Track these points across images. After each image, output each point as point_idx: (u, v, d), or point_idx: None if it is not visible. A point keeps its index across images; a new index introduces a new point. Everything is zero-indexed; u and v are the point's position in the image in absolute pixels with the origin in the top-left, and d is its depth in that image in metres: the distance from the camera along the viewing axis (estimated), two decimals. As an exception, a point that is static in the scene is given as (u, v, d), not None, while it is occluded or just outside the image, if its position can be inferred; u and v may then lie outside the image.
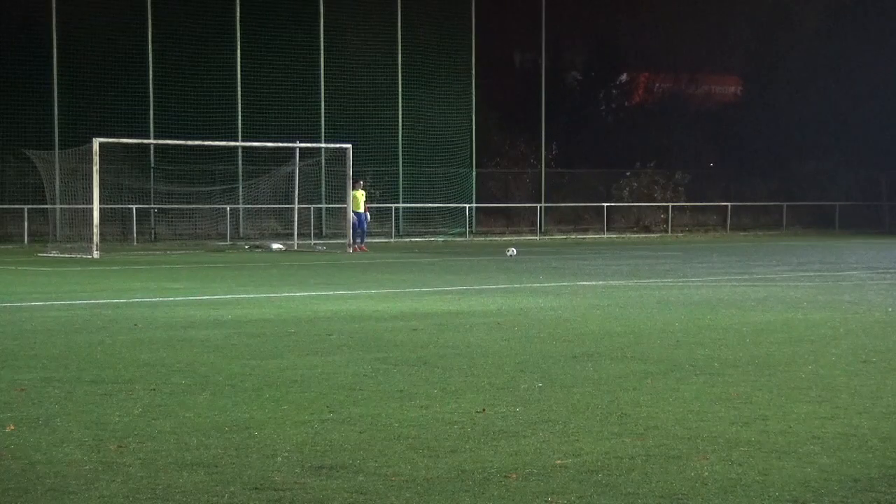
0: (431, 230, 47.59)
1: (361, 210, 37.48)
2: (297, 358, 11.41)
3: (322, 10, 46.55)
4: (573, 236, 50.91)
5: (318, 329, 13.89)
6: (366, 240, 38.18)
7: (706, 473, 6.65)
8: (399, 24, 48.23)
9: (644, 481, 6.47)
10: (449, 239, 46.67)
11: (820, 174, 60.32)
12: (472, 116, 50.14)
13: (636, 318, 15.31)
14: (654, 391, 9.46)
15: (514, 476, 6.57)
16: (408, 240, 45.55)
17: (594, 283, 22.45)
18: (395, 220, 47.40)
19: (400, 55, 48.21)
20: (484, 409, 8.57)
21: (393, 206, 47.06)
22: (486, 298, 18.63)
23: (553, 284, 21.76)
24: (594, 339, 13.14)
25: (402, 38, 48.24)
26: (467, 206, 49.24)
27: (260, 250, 38.00)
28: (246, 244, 40.91)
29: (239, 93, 44.89)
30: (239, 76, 44.89)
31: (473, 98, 50.13)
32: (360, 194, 37.67)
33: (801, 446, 7.38)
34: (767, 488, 6.34)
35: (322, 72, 46.61)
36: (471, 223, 49.63)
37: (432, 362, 11.09)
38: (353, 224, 37.23)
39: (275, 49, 45.52)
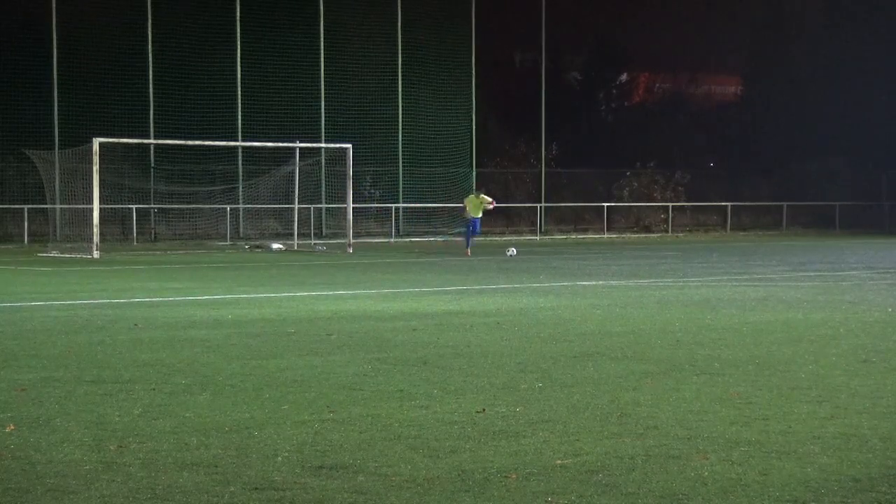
0: (431, 230, 47.55)
1: (479, 216, 35.48)
2: (297, 358, 11.41)
3: (322, 10, 46.53)
4: (573, 236, 50.90)
5: (318, 329, 13.88)
6: (366, 240, 38.14)
7: (706, 473, 6.64)
8: (399, 24, 48.21)
9: (644, 481, 6.47)
10: (449, 239, 46.64)
11: (820, 174, 60.30)
12: (472, 116, 50.12)
13: (636, 318, 15.31)
14: (654, 391, 9.46)
15: (514, 476, 6.57)
16: (408, 240, 45.53)
17: (594, 283, 22.45)
18: (395, 220, 47.35)
19: (400, 55, 48.19)
20: (484, 409, 8.57)
21: (393, 206, 47.02)
22: (486, 298, 18.62)
23: (553, 284, 21.76)
24: (594, 339, 13.14)
25: (402, 38, 48.22)
26: (467, 205, 49.17)
27: (260, 250, 37.98)
28: (246, 244, 40.88)
29: (239, 93, 44.87)
30: (239, 76, 44.88)
31: (473, 98, 50.10)
32: (480, 200, 35.45)
33: (801, 446, 7.38)
34: (767, 488, 6.34)
35: (322, 71, 46.59)
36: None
37: (432, 362, 11.09)
38: (469, 228, 35.29)
39: (275, 49, 45.49)
